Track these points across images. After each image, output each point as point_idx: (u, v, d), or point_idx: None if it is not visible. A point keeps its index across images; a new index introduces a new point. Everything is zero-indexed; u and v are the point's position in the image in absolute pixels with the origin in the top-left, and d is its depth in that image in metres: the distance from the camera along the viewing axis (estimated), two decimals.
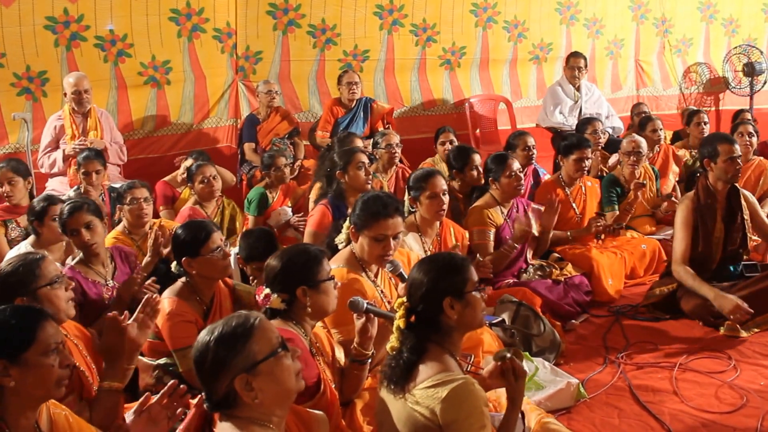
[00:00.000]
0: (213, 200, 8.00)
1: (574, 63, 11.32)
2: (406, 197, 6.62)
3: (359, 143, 8.41)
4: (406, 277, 4.67)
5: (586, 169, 8.05)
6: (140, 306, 4.32)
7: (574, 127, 10.53)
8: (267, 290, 4.27)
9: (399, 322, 3.75)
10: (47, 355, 3.29)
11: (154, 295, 4.43)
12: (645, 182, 8.50)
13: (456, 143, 9.52)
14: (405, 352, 3.68)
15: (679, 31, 14.30)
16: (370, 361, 4.61)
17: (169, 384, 3.59)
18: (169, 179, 8.86)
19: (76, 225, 5.84)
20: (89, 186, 7.83)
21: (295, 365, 3.21)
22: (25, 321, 3.32)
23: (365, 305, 4.49)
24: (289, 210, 8.46)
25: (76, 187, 7.96)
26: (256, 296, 4.32)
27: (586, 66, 11.48)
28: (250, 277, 6.23)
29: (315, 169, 8.53)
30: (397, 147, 8.92)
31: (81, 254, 5.96)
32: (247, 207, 8.44)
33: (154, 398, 3.52)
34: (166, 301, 5.01)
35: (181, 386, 3.67)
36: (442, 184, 6.46)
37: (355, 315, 4.46)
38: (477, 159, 7.88)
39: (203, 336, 3.13)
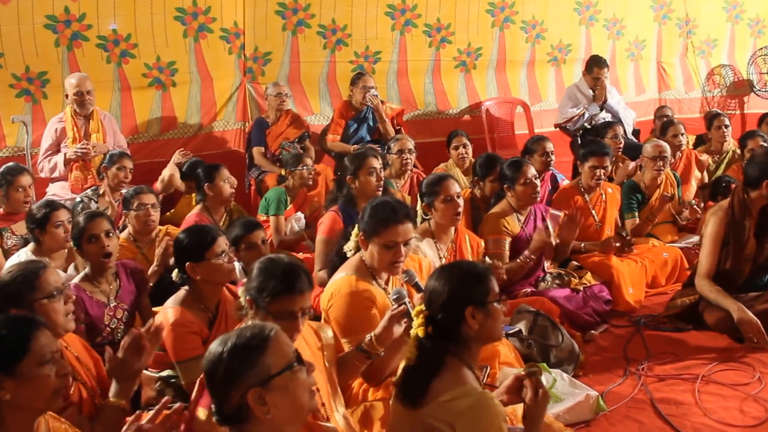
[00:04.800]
0: (222, 206, 7.97)
1: (598, 73, 11.03)
2: (419, 204, 6.61)
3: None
4: (422, 287, 4.69)
5: (602, 178, 8.02)
6: (143, 330, 4.28)
7: (591, 117, 10.61)
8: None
9: (417, 330, 3.74)
10: (43, 366, 3.30)
11: (156, 321, 4.41)
12: (673, 195, 8.49)
13: (470, 147, 9.56)
14: (422, 364, 3.68)
15: (703, 32, 14.25)
16: (373, 359, 4.65)
17: (163, 401, 3.51)
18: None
19: (97, 230, 5.83)
20: (123, 183, 7.92)
21: (310, 381, 3.18)
22: (17, 331, 3.33)
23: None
24: (303, 217, 8.48)
25: (94, 187, 8.00)
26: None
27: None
28: (241, 263, 6.19)
29: None
30: (410, 153, 8.95)
31: (87, 269, 5.93)
32: (265, 208, 8.44)
33: (147, 416, 3.48)
34: (170, 311, 4.98)
35: (177, 404, 3.58)
36: (456, 187, 6.46)
37: (393, 302, 4.54)
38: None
39: (216, 346, 3.10)
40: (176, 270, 5.27)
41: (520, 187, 7.17)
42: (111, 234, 5.92)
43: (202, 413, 3.81)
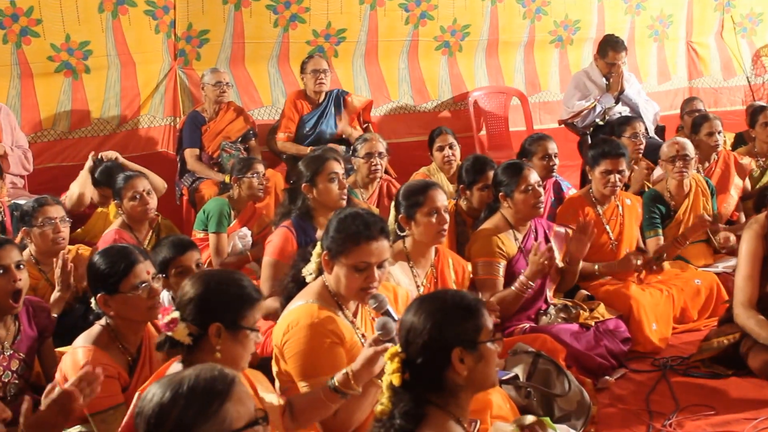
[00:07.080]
0: (146, 221, 7.88)
1: (613, 57, 11.10)
2: (391, 217, 6.58)
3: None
4: (395, 316, 4.64)
5: (617, 186, 7.92)
6: (75, 379, 4.24)
7: (604, 111, 10.63)
8: (175, 313, 4.20)
9: (392, 377, 3.64)
10: None
11: (64, 364, 4.38)
12: (714, 220, 8.45)
13: (457, 148, 9.50)
14: (398, 418, 3.58)
15: (744, 5, 14.28)
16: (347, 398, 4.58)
17: None
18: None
19: (6, 261, 5.56)
20: None
21: None
22: None
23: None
24: (249, 234, 8.43)
25: None
26: (160, 317, 4.23)
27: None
28: (171, 292, 6.03)
29: None
30: (381, 157, 8.82)
31: None
32: (203, 223, 8.43)
33: None
34: (81, 351, 4.89)
35: None
36: (443, 198, 6.42)
37: (378, 333, 4.48)
38: (492, 176, 7.69)
39: (162, 388, 3.00)
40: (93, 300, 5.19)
41: (520, 196, 7.08)
42: (22, 266, 5.66)
43: None
